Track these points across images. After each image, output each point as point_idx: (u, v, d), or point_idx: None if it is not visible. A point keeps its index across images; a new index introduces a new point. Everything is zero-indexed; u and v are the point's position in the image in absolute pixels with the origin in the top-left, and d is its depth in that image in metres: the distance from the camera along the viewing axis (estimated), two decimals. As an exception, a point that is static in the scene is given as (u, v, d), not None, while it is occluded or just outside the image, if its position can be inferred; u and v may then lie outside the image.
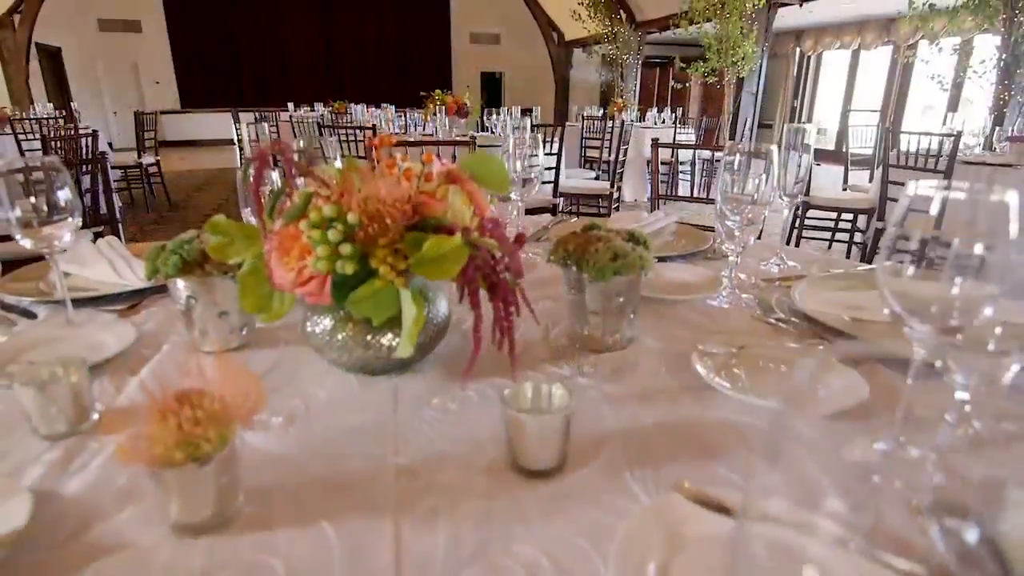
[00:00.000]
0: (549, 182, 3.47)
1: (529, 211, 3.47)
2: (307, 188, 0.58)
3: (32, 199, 0.73)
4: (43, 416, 0.53)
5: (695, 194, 6.05)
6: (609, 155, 5.80)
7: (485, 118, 4.39)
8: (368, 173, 0.55)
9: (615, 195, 4.06)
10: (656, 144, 1.92)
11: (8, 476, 0.47)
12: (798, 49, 10.51)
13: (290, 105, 7.90)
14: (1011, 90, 4.48)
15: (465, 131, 4.47)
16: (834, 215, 3.85)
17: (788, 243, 4.06)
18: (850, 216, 3.72)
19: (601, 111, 7.15)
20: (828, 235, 4.03)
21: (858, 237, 3.78)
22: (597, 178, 5.11)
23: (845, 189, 4.23)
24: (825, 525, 0.20)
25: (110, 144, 10.56)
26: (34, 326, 0.79)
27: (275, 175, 0.62)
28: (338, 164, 0.64)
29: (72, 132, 2.89)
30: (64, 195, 0.74)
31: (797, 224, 3.82)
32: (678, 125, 6.48)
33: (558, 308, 0.81)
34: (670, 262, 1.05)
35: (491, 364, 0.61)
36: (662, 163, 6.49)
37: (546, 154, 3.37)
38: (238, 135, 7.72)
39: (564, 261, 0.68)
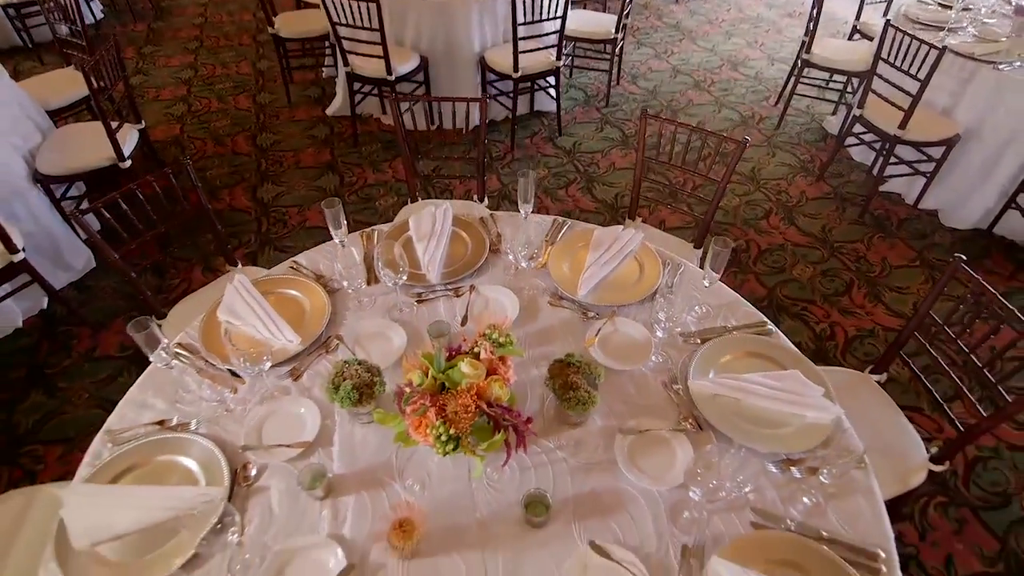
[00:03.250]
0: (553, 46, 3.53)
1: (530, 77, 3.58)
2: (422, 387, 1.12)
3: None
4: (312, 491, 1.16)
5: None
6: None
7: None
8: (455, 396, 1.08)
9: (618, 42, 4.06)
10: (645, 115, 2.17)
11: (316, 535, 1.12)
12: None
13: None
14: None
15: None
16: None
17: (784, 92, 4.20)
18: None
19: None
20: (818, 91, 4.16)
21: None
22: (606, 6, 4.86)
23: (855, 28, 4.17)
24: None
25: None
26: (254, 393, 1.37)
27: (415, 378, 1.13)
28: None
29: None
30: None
31: (794, 78, 3.94)
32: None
33: (554, 352, 1.37)
34: (627, 311, 1.56)
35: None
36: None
37: (553, 18, 3.39)
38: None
39: (554, 388, 1.24)
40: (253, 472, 1.21)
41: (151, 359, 1.31)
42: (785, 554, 1.09)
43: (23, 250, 2.28)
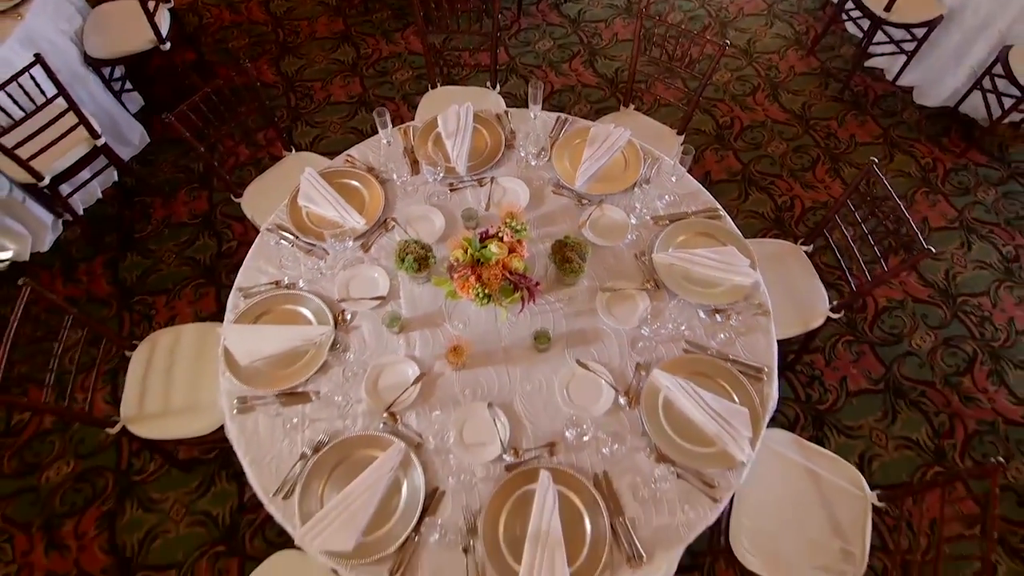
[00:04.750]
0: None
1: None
2: (461, 258, 1.63)
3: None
4: (391, 328, 1.73)
5: None
6: None
7: None
8: (488, 268, 1.59)
9: None
10: (641, 14, 2.41)
11: (397, 355, 1.70)
12: None
13: None
14: None
15: None
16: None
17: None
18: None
19: None
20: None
21: None
22: None
23: None
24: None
25: None
26: (336, 260, 1.87)
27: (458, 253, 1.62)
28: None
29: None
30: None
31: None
32: None
33: (555, 232, 1.87)
34: (612, 199, 2.01)
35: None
36: None
37: None
38: None
39: (554, 261, 1.75)
40: (349, 317, 1.77)
41: (265, 238, 1.81)
42: (702, 369, 1.68)
43: (102, 134, 2.65)
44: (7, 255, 2.80)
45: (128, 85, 3.29)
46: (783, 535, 1.75)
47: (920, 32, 3.27)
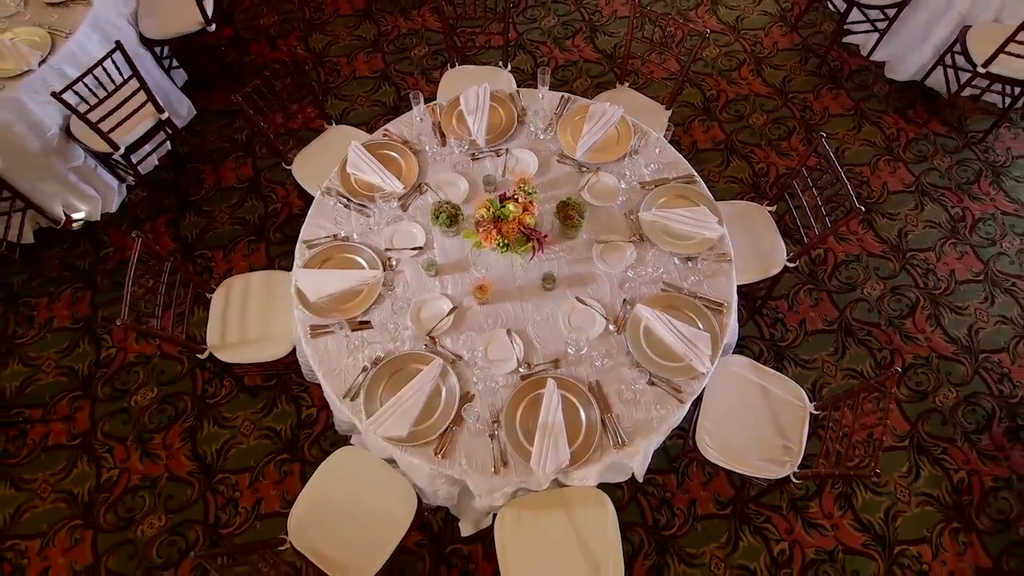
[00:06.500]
0: None
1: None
2: (483, 215, 2.06)
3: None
4: (429, 272, 2.17)
5: None
6: None
7: None
8: (506, 223, 2.02)
9: None
10: (635, 2, 2.76)
11: (434, 293, 2.15)
12: None
13: None
14: None
15: None
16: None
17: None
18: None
19: None
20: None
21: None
22: None
23: None
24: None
25: None
26: (381, 218, 2.30)
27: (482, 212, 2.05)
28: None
29: None
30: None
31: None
32: None
33: (559, 194, 2.29)
34: (606, 167, 2.42)
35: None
36: None
37: None
38: None
39: (559, 218, 2.17)
40: (395, 263, 2.21)
41: (323, 199, 2.24)
42: (675, 303, 2.13)
43: (164, 109, 3.04)
44: (82, 215, 3.23)
45: (175, 62, 3.65)
46: (737, 435, 2.23)
47: (892, 12, 3.61)
